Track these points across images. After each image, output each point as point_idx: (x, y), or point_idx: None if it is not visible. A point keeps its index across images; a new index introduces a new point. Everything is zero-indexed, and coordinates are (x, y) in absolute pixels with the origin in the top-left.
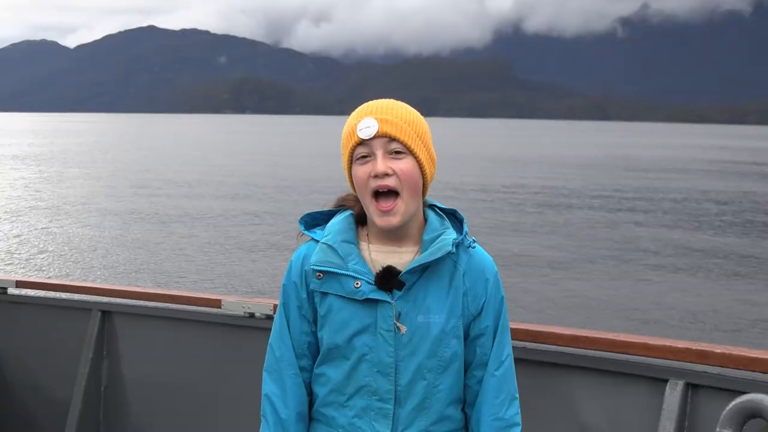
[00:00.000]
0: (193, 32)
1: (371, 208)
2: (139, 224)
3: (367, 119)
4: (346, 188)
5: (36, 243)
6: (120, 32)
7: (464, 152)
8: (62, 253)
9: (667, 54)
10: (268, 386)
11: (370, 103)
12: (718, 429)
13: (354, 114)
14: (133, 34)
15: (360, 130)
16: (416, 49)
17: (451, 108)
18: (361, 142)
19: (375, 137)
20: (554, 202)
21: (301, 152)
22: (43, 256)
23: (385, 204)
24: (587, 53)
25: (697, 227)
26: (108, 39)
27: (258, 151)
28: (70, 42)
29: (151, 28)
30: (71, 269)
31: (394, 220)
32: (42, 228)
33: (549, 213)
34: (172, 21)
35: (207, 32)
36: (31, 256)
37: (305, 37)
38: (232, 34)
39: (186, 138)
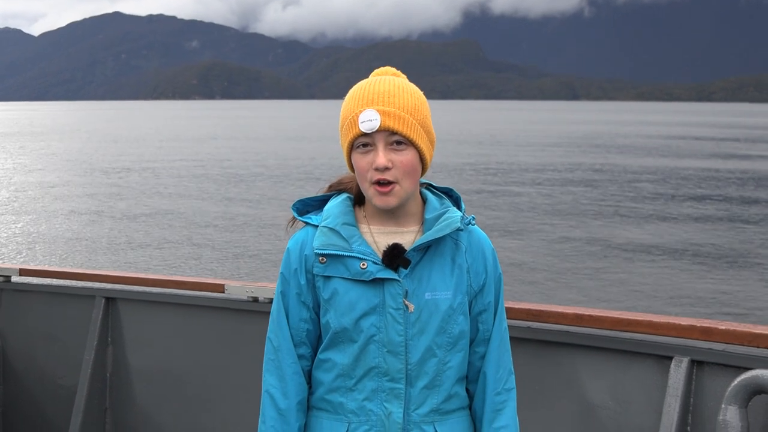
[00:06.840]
0: (160, 18)
1: (370, 190)
2: (140, 211)
3: (369, 111)
4: (337, 173)
5: (39, 231)
6: (85, 19)
7: (441, 134)
8: (65, 241)
9: (634, 33)
10: (267, 381)
11: (369, 86)
12: (723, 405)
13: (354, 99)
14: (99, 20)
15: (362, 123)
16: (386, 32)
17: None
18: (363, 133)
19: (377, 131)
20: (554, 178)
21: (282, 136)
22: (46, 244)
23: (383, 187)
24: (556, 33)
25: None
26: (73, 26)
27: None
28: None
29: (117, 14)
30: (74, 257)
31: (392, 201)
32: (44, 216)
33: (547, 191)
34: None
35: (174, 18)
36: (34, 244)
37: (274, 22)
38: (199, 19)
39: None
